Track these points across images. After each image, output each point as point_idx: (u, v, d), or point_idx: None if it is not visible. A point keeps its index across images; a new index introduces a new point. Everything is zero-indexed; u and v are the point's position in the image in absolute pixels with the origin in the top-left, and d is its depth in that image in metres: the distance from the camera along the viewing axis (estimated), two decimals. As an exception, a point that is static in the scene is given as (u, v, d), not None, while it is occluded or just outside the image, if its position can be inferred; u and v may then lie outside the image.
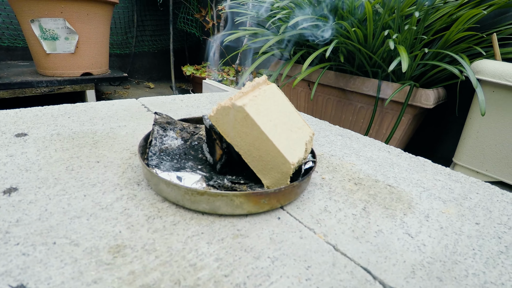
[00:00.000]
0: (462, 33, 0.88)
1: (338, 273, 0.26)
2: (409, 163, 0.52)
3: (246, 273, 0.25)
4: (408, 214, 0.36)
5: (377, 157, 0.52)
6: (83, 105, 0.64)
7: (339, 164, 0.48)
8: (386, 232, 0.32)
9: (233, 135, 0.34)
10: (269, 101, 0.36)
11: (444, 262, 0.29)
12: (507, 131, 0.83)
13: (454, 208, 0.39)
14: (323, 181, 0.42)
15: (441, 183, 0.45)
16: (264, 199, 0.32)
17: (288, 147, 0.34)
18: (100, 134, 0.50)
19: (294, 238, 0.30)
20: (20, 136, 0.47)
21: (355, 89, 1.05)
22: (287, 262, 0.27)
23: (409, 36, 0.91)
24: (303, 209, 0.35)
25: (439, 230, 0.34)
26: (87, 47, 1.51)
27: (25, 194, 0.33)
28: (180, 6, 2.27)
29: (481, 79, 0.83)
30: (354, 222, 0.34)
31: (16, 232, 0.27)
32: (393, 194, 0.41)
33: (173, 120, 0.46)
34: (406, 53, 0.78)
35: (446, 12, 0.98)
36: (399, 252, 0.30)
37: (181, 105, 0.71)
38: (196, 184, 0.35)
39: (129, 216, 0.31)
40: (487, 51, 0.96)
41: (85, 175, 0.38)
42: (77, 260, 0.25)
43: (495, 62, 0.83)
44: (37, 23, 1.36)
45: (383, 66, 0.97)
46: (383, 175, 0.46)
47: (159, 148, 0.41)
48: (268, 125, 0.33)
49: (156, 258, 0.25)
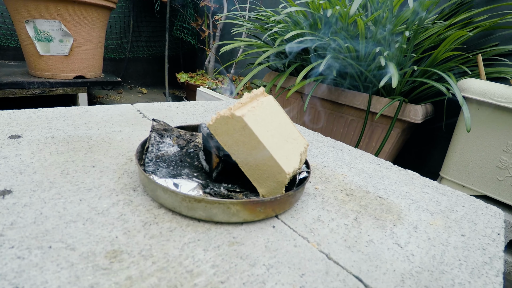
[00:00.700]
0: (449, 53, 0.92)
1: (331, 281, 0.27)
2: (398, 175, 0.53)
3: (242, 280, 0.25)
4: (398, 225, 0.38)
5: (367, 169, 0.54)
6: (78, 109, 0.63)
7: (331, 175, 0.49)
8: (377, 242, 0.34)
9: (230, 144, 0.35)
10: (266, 112, 0.38)
11: (432, 272, 0.31)
12: (492, 147, 0.87)
13: (441, 220, 0.41)
14: (316, 191, 0.43)
15: (429, 196, 0.47)
16: (260, 207, 0.32)
17: (284, 157, 0.35)
18: (96, 139, 0.50)
19: (288, 246, 0.31)
20: (14, 138, 0.47)
21: (347, 102, 1.07)
22: (282, 269, 0.27)
23: (399, 54, 0.95)
24: (297, 218, 0.36)
25: (427, 241, 0.35)
26: (81, 50, 1.51)
27: (19, 197, 0.33)
28: (177, 14, 2.29)
29: (467, 96, 0.87)
30: (346, 232, 0.34)
31: (10, 235, 0.27)
32: (383, 205, 0.42)
33: (170, 127, 0.47)
34: (396, 70, 0.81)
35: (434, 32, 1.03)
36: (389, 261, 0.31)
37: (177, 112, 0.71)
38: (192, 191, 0.35)
39: (126, 222, 0.31)
40: (473, 70, 1.00)
41: (81, 180, 0.38)
42: (74, 264, 0.25)
43: (480, 81, 0.87)
44: (32, 24, 1.36)
45: (374, 81, 1.00)
46: (374, 187, 0.47)
47: (156, 154, 0.41)
48: (265, 135, 0.34)
49: (153, 264, 0.26)
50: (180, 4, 2.16)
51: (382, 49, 0.86)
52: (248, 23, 1.28)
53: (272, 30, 1.02)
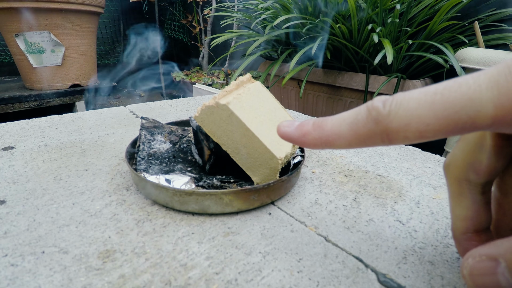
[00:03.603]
0: (445, 23, 0.90)
1: (330, 264, 0.26)
2: (399, 152, 0.52)
3: (237, 269, 0.25)
4: (399, 202, 0.37)
5: (366, 148, 0.53)
6: (71, 116, 0.63)
7: (329, 158, 0.48)
8: (377, 221, 0.33)
9: (219, 134, 0.34)
10: (254, 99, 0.37)
11: (436, 247, 0.30)
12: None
13: (445, 193, 0.39)
14: (313, 175, 0.42)
15: (431, 170, 0.46)
16: (254, 195, 0.32)
17: (275, 142, 0.34)
18: (88, 143, 0.50)
19: (285, 232, 0.30)
20: (7, 149, 0.47)
21: (344, 84, 1.05)
22: (279, 256, 0.27)
23: (393, 29, 0.93)
24: (294, 203, 0.35)
25: (430, 216, 0.35)
26: (74, 59, 1.51)
27: (12, 206, 0.33)
28: (166, 13, 2.27)
29: (465, 66, 0.85)
30: (345, 213, 0.34)
31: (4, 244, 0.27)
32: (383, 183, 0.41)
33: (160, 124, 0.46)
34: (390, 46, 0.79)
35: (427, 4, 1.00)
36: (390, 239, 0.30)
37: (170, 110, 0.70)
38: (185, 186, 0.35)
39: (119, 221, 0.30)
40: (471, 39, 0.97)
41: (74, 184, 0.37)
42: (66, 267, 0.25)
43: (478, 49, 0.85)
44: (22, 37, 1.35)
45: (370, 60, 0.98)
46: (373, 166, 0.46)
47: (148, 152, 0.40)
48: (254, 122, 0.33)
49: (146, 261, 0.25)
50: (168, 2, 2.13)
51: (374, 26, 0.84)
52: (237, 14, 1.26)
53: (260, 17, 1.00)
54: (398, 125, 0.16)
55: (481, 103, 0.14)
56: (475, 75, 0.15)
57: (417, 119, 0.15)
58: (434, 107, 0.15)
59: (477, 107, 0.14)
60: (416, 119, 0.15)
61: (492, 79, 0.14)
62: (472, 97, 0.14)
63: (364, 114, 0.17)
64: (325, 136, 0.19)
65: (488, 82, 0.14)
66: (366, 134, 0.17)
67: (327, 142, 0.19)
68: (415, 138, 0.16)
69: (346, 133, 0.18)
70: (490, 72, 0.14)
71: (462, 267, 0.19)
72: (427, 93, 0.15)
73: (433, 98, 0.15)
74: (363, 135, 0.17)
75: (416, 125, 0.15)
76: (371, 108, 0.17)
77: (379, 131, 0.17)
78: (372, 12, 0.95)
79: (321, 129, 0.19)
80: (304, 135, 0.20)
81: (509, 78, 0.14)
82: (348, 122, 0.18)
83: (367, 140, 0.17)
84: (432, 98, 0.15)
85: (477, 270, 0.18)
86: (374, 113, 0.17)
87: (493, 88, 0.14)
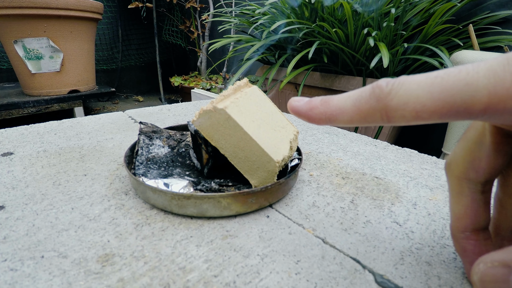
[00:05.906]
0: (440, 26, 0.91)
1: (328, 265, 0.26)
2: (396, 154, 0.53)
3: (235, 272, 0.25)
4: (396, 204, 0.37)
5: (364, 151, 0.53)
6: (70, 121, 0.63)
7: (326, 161, 0.49)
8: (374, 222, 0.33)
9: (217, 138, 0.35)
10: (251, 103, 0.37)
11: (433, 247, 0.30)
12: (491, 118, 0.85)
13: (441, 195, 0.40)
14: (311, 178, 0.42)
15: (428, 172, 0.46)
16: (252, 198, 0.32)
17: (272, 145, 0.34)
18: (87, 148, 0.50)
19: (283, 234, 0.30)
20: (6, 155, 0.47)
21: (341, 88, 1.06)
22: (277, 258, 0.27)
23: (389, 33, 0.94)
24: (292, 206, 0.35)
25: (427, 217, 0.35)
26: (72, 65, 1.51)
27: (12, 211, 0.33)
28: (164, 19, 2.29)
29: (461, 69, 0.85)
30: (342, 215, 0.34)
31: (3, 249, 0.27)
32: (380, 185, 0.41)
33: (158, 129, 0.47)
34: (386, 49, 0.80)
35: (422, 8, 1.01)
36: (388, 240, 0.30)
37: (168, 115, 0.71)
38: (183, 190, 0.35)
39: (117, 225, 0.30)
40: (466, 42, 0.98)
41: (73, 189, 0.37)
42: (66, 271, 0.25)
43: (473, 52, 0.86)
44: (21, 43, 1.36)
45: (366, 63, 0.98)
46: (370, 168, 0.47)
47: (146, 157, 0.41)
48: (251, 125, 0.34)
49: (145, 264, 0.25)
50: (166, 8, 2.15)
51: (370, 29, 0.85)
52: (235, 19, 1.28)
53: (257, 22, 1.01)
54: (397, 103, 0.17)
55: (476, 88, 0.15)
56: (475, 64, 0.16)
57: (414, 99, 0.16)
58: (431, 89, 0.16)
59: (472, 92, 0.15)
60: (414, 99, 0.16)
61: (490, 68, 0.15)
62: (469, 83, 0.15)
63: (368, 92, 0.18)
64: (330, 111, 0.20)
65: (486, 70, 0.15)
66: (367, 110, 0.18)
67: (331, 117, 0.20)
68: (412, 118, 0.16)
69: (349, 109, 0.19)
70: (490, 62, 0.15)
71: (472, 272, 0.18)
72: (429, 76, 0.16)
73: (433, 81, 0.16)
74: (365, 111, 0.18)
75: (413, 105, 0.16)
76: (375, 86, 0.18)
77: (379, 108, 0.17)
78: (368, 16, 0.96)
79: (327, 104, 0.20)
80: (311, 109, 0.21)
81: (506, 68, 0.14)
82: (352, 98, 0.19)
83: (367, 116, 0.18)
84: (432, 81, 0.16)
85: (489, 277, 0.17)
86: (377, 91, 0.17)
87: (489, 76, 0.15)
